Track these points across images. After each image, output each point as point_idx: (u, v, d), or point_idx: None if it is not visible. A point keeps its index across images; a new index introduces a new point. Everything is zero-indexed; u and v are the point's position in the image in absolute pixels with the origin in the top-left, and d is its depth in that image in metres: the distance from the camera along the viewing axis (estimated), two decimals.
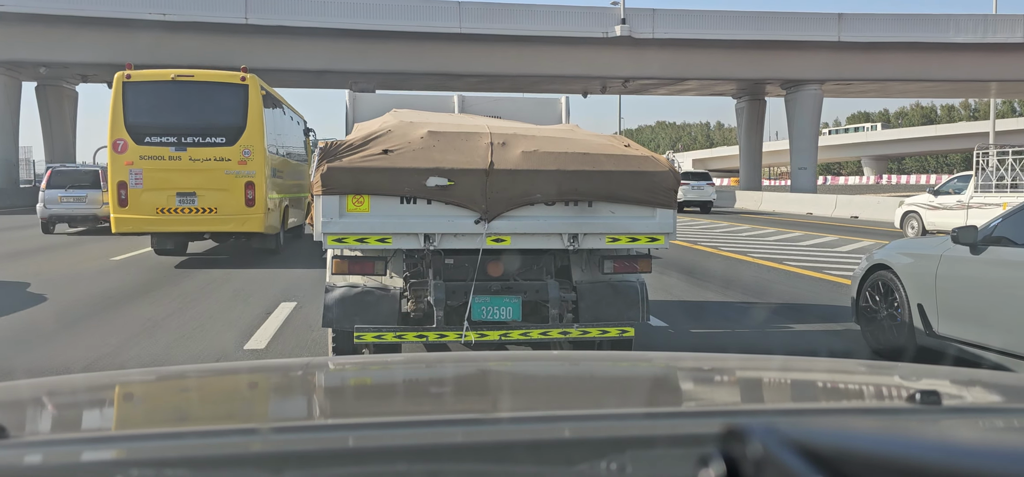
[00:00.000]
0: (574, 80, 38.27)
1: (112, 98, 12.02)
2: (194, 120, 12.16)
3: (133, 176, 11.93)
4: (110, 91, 12.37)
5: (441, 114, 6.64)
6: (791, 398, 1.72)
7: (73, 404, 1.58)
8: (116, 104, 11.94)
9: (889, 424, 1.22)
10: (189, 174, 12.00)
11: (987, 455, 0.74)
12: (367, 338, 5.16)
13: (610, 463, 1.00)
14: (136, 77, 12.11)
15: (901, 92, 49.03)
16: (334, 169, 4.91)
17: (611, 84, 39.85)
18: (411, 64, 34.68)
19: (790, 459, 0.71)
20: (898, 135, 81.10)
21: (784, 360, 2.21)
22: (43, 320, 8.04)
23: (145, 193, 11.91)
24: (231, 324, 7.65)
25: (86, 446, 1.12)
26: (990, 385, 1.74)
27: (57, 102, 40.07)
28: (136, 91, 12.11)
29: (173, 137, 12.03)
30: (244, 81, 12.34)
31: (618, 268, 5.45)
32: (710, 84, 40.77)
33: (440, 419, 1.31)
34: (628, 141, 5.74)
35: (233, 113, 12.28)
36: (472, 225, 5.05)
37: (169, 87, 12.35)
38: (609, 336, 5.37)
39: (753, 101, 43.61)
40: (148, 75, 12.30)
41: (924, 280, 6.09)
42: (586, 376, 1.89)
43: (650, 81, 39.68)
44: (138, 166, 11.93)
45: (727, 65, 36.63)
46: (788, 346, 7.19)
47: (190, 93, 12.46)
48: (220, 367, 2.34)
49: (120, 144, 11.92)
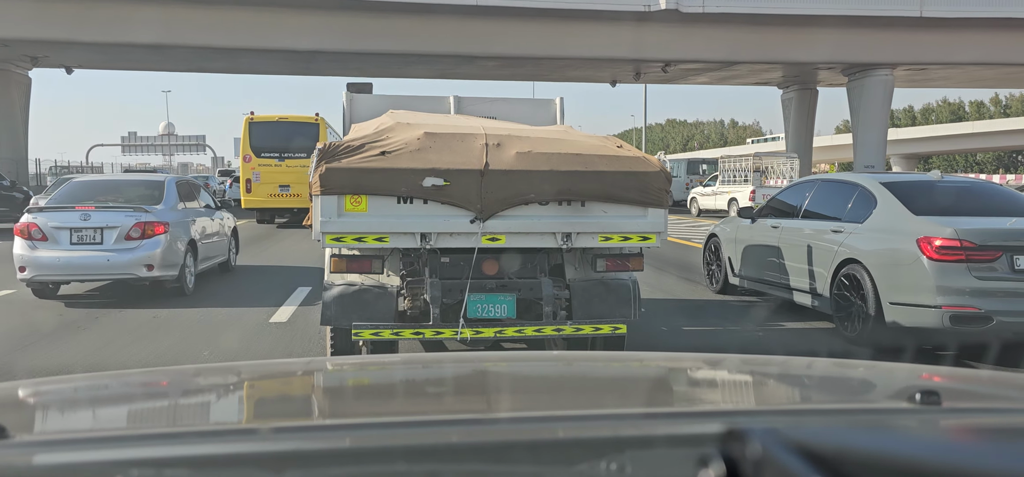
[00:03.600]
0: (605, 64, 31.94)
1: (243, 129, 20.29)
2: (288, 144, 19.92)
3: (255, 176, 20.05)
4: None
5: (437, 115, 6.73)
6: (791, 398, 1.72)
7: (73, 404, 1.57)
8: (245, 133, 20.20)
9: (889, 424, 1.22)
10: (285, 174, 19.82)
11: (987, 455, 0.74)
12: (365, 335, 5.23)
13: (610, 463, 1.01)
14: (256, 118, 20.32)
15: (977, 81, 40.83)
16: (332, 170, 5.00)
17: (648, 69, 33.12)
18: (417, 44, 28.09)
19: (790, 459, 0.71)
20: (929, 133, 74.31)
21: (784, 360, 2.20)
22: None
23: (261, 185, 20.08)
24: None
25: (86, 446, 1.12)
26: (990, 385, 1.75)
27: (3, 89, 31.80)
28: (256, 126, 20.24)
29: (277, 153, 20.07)
30: (317, 119, 20.14)
31: (610, 266, 5.57)
32: (759, 70, 33.88)
33: (440, 419, 1.31)
34: (620, 142, 5.83)
35: (310, 138, 18.56)
36: (467, 224, 5.14)
37: (274, 123, 20.45)
38: (602, 333, 5.45)
39: (803, 91, 37.08)
40: (262, 117, 20.45)
41: (730, 242, 9.59)
42: (585, 376, 1.89)
43: (693, 66, 32.52)
44: (257, 170, 20.03)
45: (782, 46, 30.03)
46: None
47: (286, 127, 20.34)
48: (220, 367, 2.34)
49: (248, 157, 20.17)
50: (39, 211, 9.41)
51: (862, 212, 7.36)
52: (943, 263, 6.35)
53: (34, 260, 9.00)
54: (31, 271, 9.03)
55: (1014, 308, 6.24)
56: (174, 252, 9.49)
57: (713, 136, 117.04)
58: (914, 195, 7.25)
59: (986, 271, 6.31)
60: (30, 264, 9.01)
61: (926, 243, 6.44)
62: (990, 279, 6.29)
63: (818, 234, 7.79)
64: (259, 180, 19.98)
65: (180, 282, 9.63)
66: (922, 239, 6.47)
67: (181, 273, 9.65)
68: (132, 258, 9.09)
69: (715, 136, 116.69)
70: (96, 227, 9.12)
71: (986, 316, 6.24)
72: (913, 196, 7.22)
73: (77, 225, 9.11)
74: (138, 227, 9.18)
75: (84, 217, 9.14)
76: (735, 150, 70.57)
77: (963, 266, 6.32)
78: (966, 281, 6.28)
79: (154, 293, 9.49)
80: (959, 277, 6.30)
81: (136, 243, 9.15)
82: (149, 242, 9.20)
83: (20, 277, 9.11)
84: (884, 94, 32.47)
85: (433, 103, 7.33)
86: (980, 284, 6.27)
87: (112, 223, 9.15)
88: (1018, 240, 6.40)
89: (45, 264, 9.01)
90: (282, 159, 19.90)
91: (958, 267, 6.32)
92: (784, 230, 8.37)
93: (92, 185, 10.52)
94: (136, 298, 9.36)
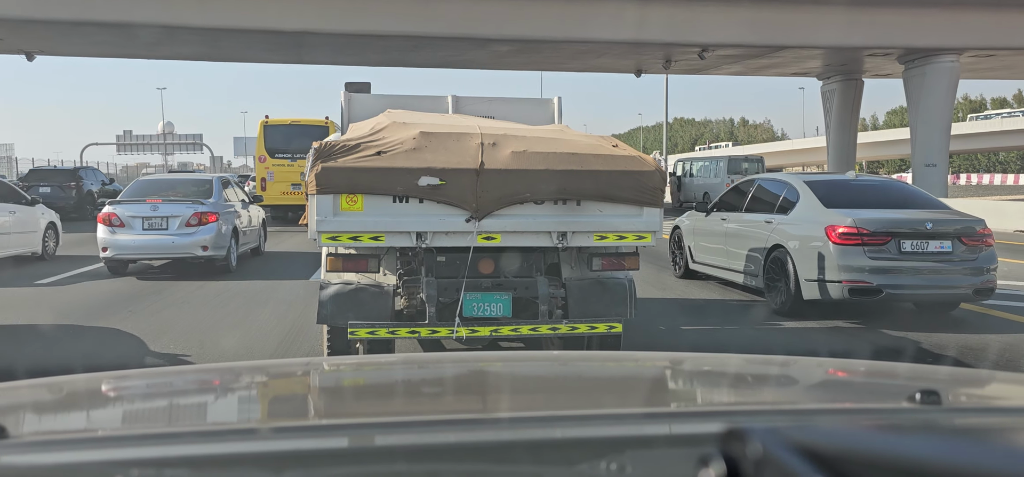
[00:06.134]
0: (633, 48, 27.56)
1: (258, 132, 22.15)
2: (299, 145, 20.20)
3: (269, 175, 21.43)
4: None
5: (434, 115, 6.74)
6: (791, 398, 1.72)
7: (73, 404, 1.57)
8: (260, 136, 21.98)
9: (889, 424, 1.22)
10: (296, 174, 20.38)
11: (987, 455, 0.74)
12: (361, 334, 5.24)
13: (610, 463, 1.01)
14: (270, 121, 22.04)
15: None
16: (328, 169, 5.01)
17: (682, 55, 28.66)
18: (420, 24, 23.83)
19: (790, 459, 0.71)
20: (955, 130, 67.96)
21: (784, 360, 2.21)
22: None
23: (275, 184, 21.31)
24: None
25: (86, 446, 1.12)
26: (990, 385, 1.75)
27: None
28: (270, 129, 21.91)
29: (289, 153, 21.28)
30: (327, 123, 21.06)
31: (606, 265, 5.60)
32: (802, 58, 29.89)
33: (439, 419, 1.31)
34: (616, 141, 5.84)
35: (319, 140, 19.18)
36: (463, 224, 5.15)
37: (287, 126, 21.89)
38: (598, 332, 5.46)
39: (847, 81, 32.84)
40: (276, 120, 22.14)
41: (689, 233, 10.80)
42: (585, 376, 1.89)
43: (733, 51, 28.13)
44: (271, 169, 21.47)
45: (833, 28, 25.69)
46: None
47: (297, 130, 21.34)
48: (220, 367, 2.34)
49: (263, 157, 21.72)
50: (117, 203, 11.74)
51: (788, 206, 8.79)
52: (843, 246, 7.73)
53: (114, 242, 11.20)
54: (112, 251, 11.22)
55: (899, 282, 7.72)
56: (223, 236, 11.66)
57: (722, 134, 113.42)
58: (828, 192, 8.61)
59: (878, 253, 7.71)
60: (111, 245, 11.20)
61: (831, 230, 7.84)
62: (881, 259, 7.69)
63: (755, 225, 9.16)
64: (273, 179, 21.40)
65: (227, 261, 11.78)
66: (828, 227, 7.87)
67: (228, 254, 11.79)
68: (192, 241, 11.27)
69: (725, 134, 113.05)
70: (163, 216, 11.34)
71: (877, 289, 7.67)
72: (828, 192, 8.58)
73: (148, 214, 11.34)
74: (196, 216, 11.36)
75: (153, 208, 11.40)
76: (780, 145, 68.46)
77: (860, 249, 7.71)
78: (862, 261, 7.67)
79: (206, 269, 11.54)
80: (856, 257, 7.70)
81: (194, 229, 11.33)
82: (204, 228, 11.40)
83: (103, 256, 11.26)
84: (948, 83, 28.43)
85: (431, 103, 7.34)
86: (873, 263, 7.67)
87: (175, 213, 11.38)
88: (904, 228, 7.82)
89: (123, 245, 11.23)
90: (294, 159, 21.06)
91: (855, 250, 7.71)
92: (730, 222, 9.81)
93: (157, 183, 13.14)
94: (192, 273, 11.37)
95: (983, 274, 7.90)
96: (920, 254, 7.77)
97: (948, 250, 7.82)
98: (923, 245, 7.80)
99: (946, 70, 27.82)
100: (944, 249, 7.82)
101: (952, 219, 8.19)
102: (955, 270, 7.84)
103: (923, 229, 7.84)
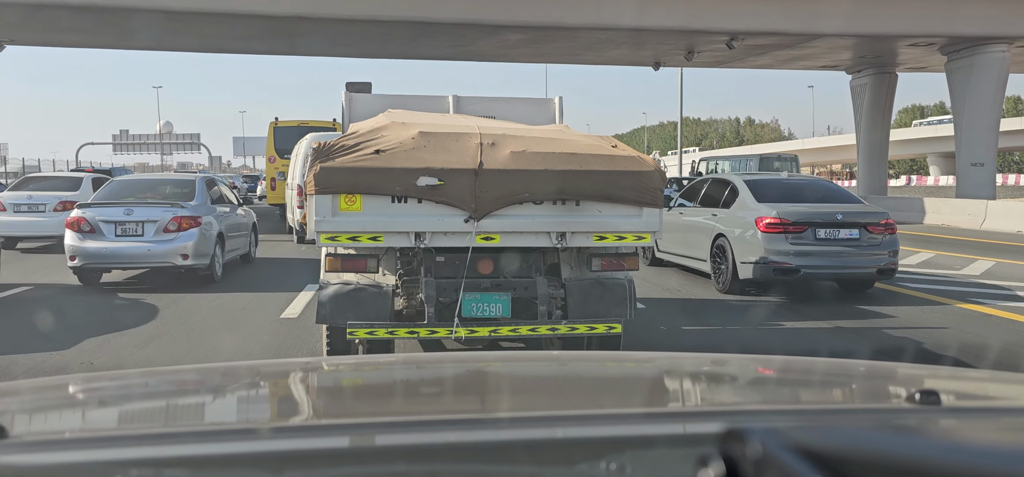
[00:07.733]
0: (655, 36, 25.29)
1: (268, 134, 22.44)
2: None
3: (279, 175, 21.72)
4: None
5: (434, 115, 6.75)
6: (791, 398, 1.72)
7: (73, 404, 1.57)
8: (270, 137, 22.35)
9: (889, 424, 1.22)
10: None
11: (987, 455, 0.74)
12: (360, 334, 5.25)
13: (610, 463, 1.01)
14: (280, 123, 22.33)
15: None
16: (327, 169, 5.01)
17: (709, 44, 26.13)
18: (423, 9, 21.85)
19: (790, 459, 0.71)
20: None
21: (784, 360, 2.21)
22: None
23: (285, 183, 20.77)
24: None
25: (86, 446, 1.12)
26: (990, 385, 1.75)
27: None
28: (279, 130, 22.13)
29: None
30: (334, 124, 20.56)
31: (606, 266, 5.60)
32: (836, 49, 27.43)
33: (439, 419, 1.31)
34: (615, 141, 5.84)
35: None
36: (462, 224, 5.15)
37: (295, 128, 21.16)
38: (597, 332, 5.46)
39: (879, 75, 30.43)
40: (285, 122, 22.34)
41: None
42: (585, 376, 1.89)
43: (765, 40, 25.72)
44: (281, 169, 21.44)
45: (873, 16, 23.42)
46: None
47: (306, 132, 20.08)
48: (219, 367, 2.34)
49: (272, 158, 22.25)
50: (87, 206, 10.41)
51: (730, 201, 10.34)
52: (770, 234, 9.34)
53: (83, 250, 9.96)
54: (80, 260, 9.98)
55: (815, 263, 9.28)
56: (206, 243, 10.47)
57: (728, 134, 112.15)
58: (762, 188, 10.24)
59: (797, 239, 9.32)
60: (79, 253, 9.96)
61: (760, 221, 9.44)
62: (800, 244, 9.30)
63: (705, 217, 10.70)
64: (283, 179, 21.51)
65: (210, 270, 10.60)
66: (758, 218, 9.48)
67: (212, 262, 10.61)
68: (170, 248, 10.09)
69: (731, 134, 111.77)
70: (138, 220, 10.12)
71: (796, 269, 9.24)
72: (762, 189, 10.19)
73: (120, 219, 10.10)
74: (175, 221, 10.16)
75: (127, 211, 10.15)
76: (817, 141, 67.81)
77: (783, 236, 9.32)
78: (784, 246, 9.29)
79: (187, 279, 10.40)
80: (780, 243, 9.30)
81: (173, 235, 10.15)
82: (184, 234, 10.19)
83: (70, 265, 10.03)
84: (998, 76, 26.13)
85: (431, 103, 7.35)
86: (793, 248, 9.28)
87: (152, 217, 10.15)
88: (818, 218, 9.42)
89: (92, 253, 9.98)
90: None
91: (779, 237, 9.33)
92: (686, 215, 11.36)
93: (133, 183, 11.80)
94: (170, 284, 10.22)
95: (885, 257, 9.45)
96: (832, 240, 9.36)
97: (856, 237, 9.40)
98: (835, 233, 9.38)
99: (995, 61, 25.69)
100: (852, 237, 9.40)
101: (860, 211, 9.77)
102: (862, 253, 9.40)
103: (834, 219, 9.42)
